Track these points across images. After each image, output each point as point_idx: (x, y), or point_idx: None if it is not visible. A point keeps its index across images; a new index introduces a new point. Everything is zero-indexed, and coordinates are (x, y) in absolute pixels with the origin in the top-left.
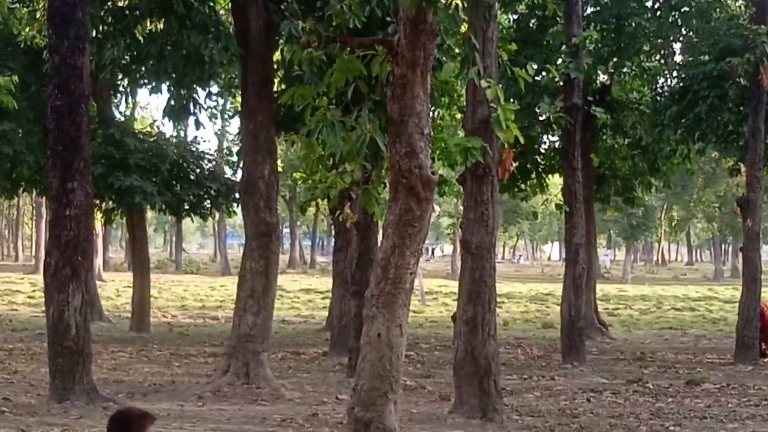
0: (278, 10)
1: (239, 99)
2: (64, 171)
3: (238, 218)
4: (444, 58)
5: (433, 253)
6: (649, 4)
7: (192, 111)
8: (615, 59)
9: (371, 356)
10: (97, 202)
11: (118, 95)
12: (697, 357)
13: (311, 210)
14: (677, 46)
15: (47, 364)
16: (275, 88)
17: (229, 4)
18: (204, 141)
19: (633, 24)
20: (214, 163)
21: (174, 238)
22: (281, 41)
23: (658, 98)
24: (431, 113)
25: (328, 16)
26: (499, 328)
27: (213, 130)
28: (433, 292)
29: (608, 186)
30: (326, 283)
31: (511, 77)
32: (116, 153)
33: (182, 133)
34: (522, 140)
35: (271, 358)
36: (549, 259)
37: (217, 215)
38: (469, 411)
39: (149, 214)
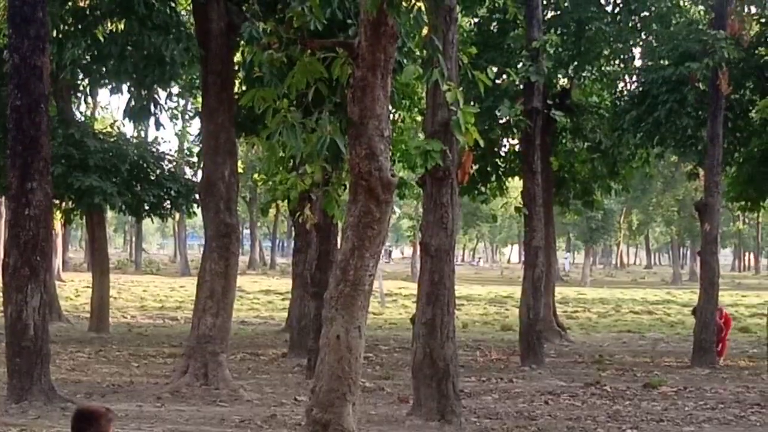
0: (239, 12)
1: (200, 100)
2: (23, 171)
3: (199, 219)
4: (405, 61)
5: (390, 255)
6: (609, 8)
7: (152, 112)
8: (575, 63)
9: (330, 358)
10: (57, 202)
11: (79, 95)
12: (654, 360)
13: (271, 211)
14: (637, 50)
15: (5, 364)
16: (236, 90)
17: (191, 5)
18: (164, 142)
19: (593, 28)
20: (174, 163)
21: (134, 239)
22: (242, 42)
23: (618, 102)
24: (391, 116)
25: (288, 18)
26: (458, 330)
27: (173, 131)
28: (393, 294)
29: (568, 189)
30: (286, 284)
31: (471, 80)
32: (76, 153)
33: (143, 134)
34: (482, 143)
35: (230, 359)
36: (508, 261)
37: (177, 216)
38: (428, 413)
39: (109, 214)
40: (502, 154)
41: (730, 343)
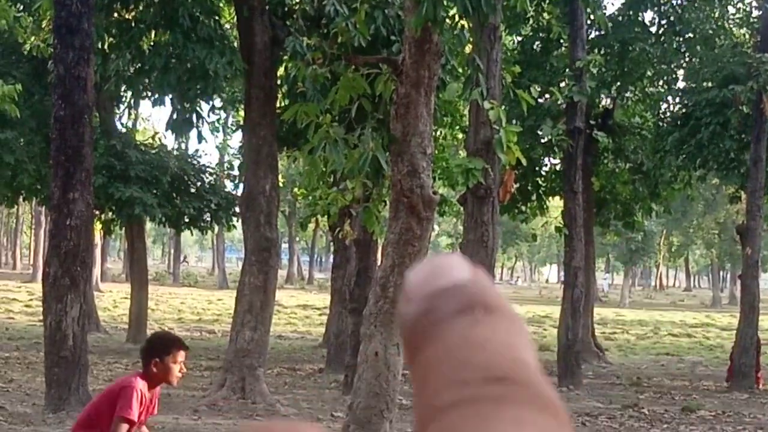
0: (283, 26)
1: (242, 113)
2: (65, 181)
3: (237, 232)
4: (448, 78)
5: None
6: (653, 29)
7: (195, 124)
8: (618, 83)
9: (368, 374)
10: (97, 212)
11: (121, 107)
12: (693, 383)
13: (311, 226)
14: (681, 72)
15: (43, 374)
16: (278, 104)
17: (235, 19)
18: (205, 154)
19: (637, 49)
20: (214, 176)
21: (172, 251)
22: (286, 57)
23: (661, 124)
24: (434, 133)
25: (333, 34)
26: None
27: (215, 144)
28: None
29: (608, 210)
30: (324, 299)
31: (514, 99)
32: (117, 164)
33: (184, 146)
34: (524, 162)
35: (267, 374)
36: (547, 281)
37: (217, 229)
38: None
39: (148, 225)
40: (543, 173)
41: None
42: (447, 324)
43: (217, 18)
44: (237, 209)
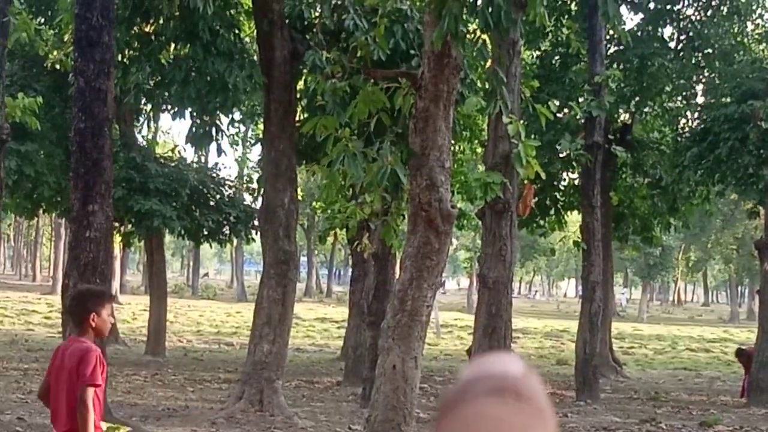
0: (303, 40)
1: (261, 126)
2: (85, 193)
3: (256, 245)
4: (467, 92)
5: (443, 285)
6: (672, 45)
7: (214, 137)
8: (637, 99)
9: (385, 387)
10: (117, 225)
11: (141, 119)
12: (710, 398)
13: (329, 239)
14: (699, 87)
15: None
16: (298, 117)
17: (255, 32)
18: (225, 167)
19: (656, 64)
20: (234, 189)
21: (191, 263)
22: (305, 71)
23: (679, 139)
24: (452, 147)
25: (352, 48)
26: None
27: (234, 157)
28: (449, 325)
29: (627, 225)
30: (342, 312)
31: (533, 113)
32: (137, 177)
33: (203, 159)
34: (543, 176)
35: (285, 386)
36: (565, 295)
37: (235, 242)
38: None
39: (167, 238)
40: (562, 187)
41: None
42: (473, 400)
43: (236, 32)
44: (256, 222)
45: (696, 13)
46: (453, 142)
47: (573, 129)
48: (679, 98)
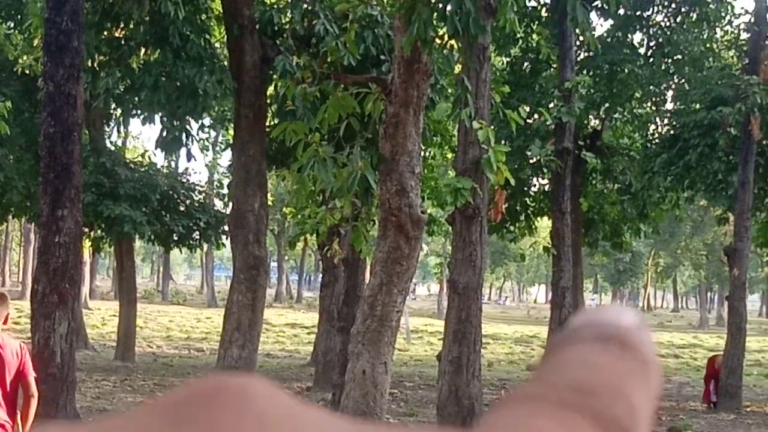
0: (273, 45)
1: (231, 132)
2: (54, 198)
3: (226, 251)
4: (437, 98)
5: (414, 291)
6: (642, 51)
7: (184, 142)
8: (607, 105)
9: (355, 393)
10: (86, 230)
11: (111, 124)
12: (680, 404)
13: (299, 245)
14: (669, 93)
15: None
16: (268, 122)
17: (225, 38)
18: (195, 173)
19: (626, 70)
20: (204, 194)
21: (161, 269)
22: (275, 76)
23: (649, 145)
24: (422, 152)
25: (322, 53)
26: (483, 368)
27: (204, 162)
28: (419, 330)
29: (597, 230)
30: (312, 318)
31: (503, 119)
32: (107, 182)
33: (173, 164)
34: (512, 182)
35: None
36: (535, 301)
37: (206, 247)
38: None
39: (137, 243)
40: (532, 193)
41: (756, 389)
42: (579, 344)
43: (207, 37)
44: (226, 227)
45: (665, 20)
46: (423, 147)
47: (543, 135)
48: (649, 104)
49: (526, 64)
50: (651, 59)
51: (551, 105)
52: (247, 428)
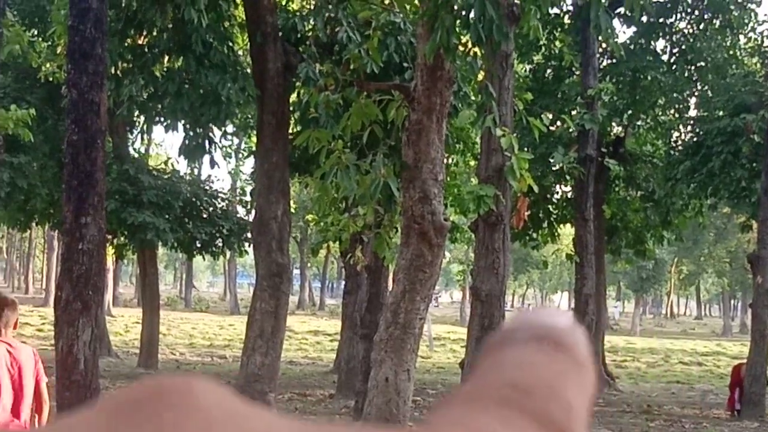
0: (296, 53)
1: (254, 139)
2: (78, 205)
3: (249, 258)
4: (460, 105)
5: (437, 299)
6: (665, 58)
7: (207, 150)
8: (630, 112)
9: (378, 400)
10: (110, 237)
11: (134, 132)
12: (703, 412)
13: (322, 252)
14: (692, 100)
15: (54, 398)
16: (290, 130)
17: (248, 45)
18: (218, 180)
19: (649, 78)
20: (227, 202)
21: (184, 276)
22: (298, 83)
23: (672, 152)
24: (445, 160)
25: (345, 60)
26: None
27: (227, 170)
28: (441, 338)
29: (620, 238)
30: (335, 325)
31: (526, 126)
32: (130, 189)
33: (196, 172)
34: (535, 189)
35: (278, 399)
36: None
37: (228, 254)
38: None
39: (160, 250)
40: (555, 200)
41: None
42: (514, 345)
43: (230, 44)
44: (249, 235)
45: (689, 27)
46: (446, 154)
47: (566, 142)
48: (672, 111)
49: (548, 71)
50: (674, 66)
51: (574, 112)
52: (192, 428)
